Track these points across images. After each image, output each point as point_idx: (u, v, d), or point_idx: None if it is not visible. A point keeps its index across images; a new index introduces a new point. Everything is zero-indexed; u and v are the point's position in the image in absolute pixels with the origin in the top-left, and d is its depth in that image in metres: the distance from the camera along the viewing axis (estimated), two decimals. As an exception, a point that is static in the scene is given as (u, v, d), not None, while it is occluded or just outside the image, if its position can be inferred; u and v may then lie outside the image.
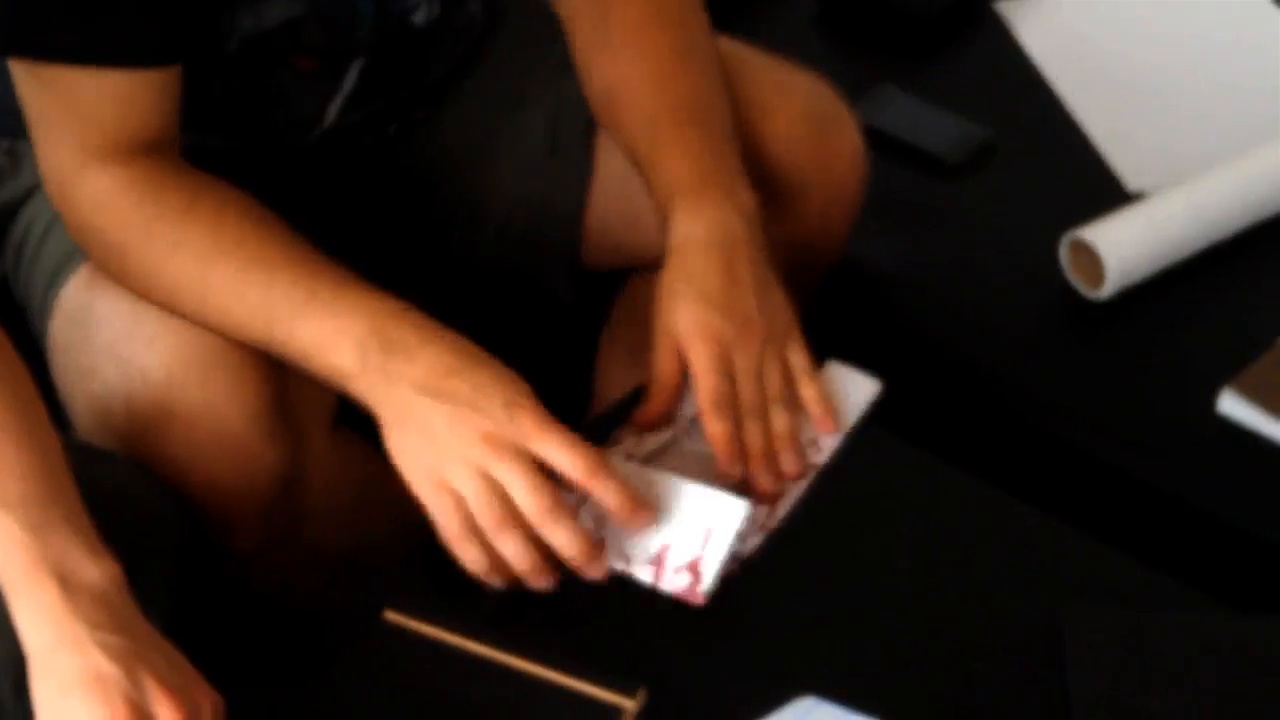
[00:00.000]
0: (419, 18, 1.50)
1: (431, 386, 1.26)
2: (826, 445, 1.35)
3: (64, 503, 1.14)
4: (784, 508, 1.32)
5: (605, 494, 1.24)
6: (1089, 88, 1.87)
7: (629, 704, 1.17)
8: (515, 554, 1.23)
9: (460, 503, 1.24)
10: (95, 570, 1.11)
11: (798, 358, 1.37)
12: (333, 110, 1.49)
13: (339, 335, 1.28)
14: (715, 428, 1.31)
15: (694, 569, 1.25)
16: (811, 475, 1.34)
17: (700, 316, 1.34)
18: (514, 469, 1.23)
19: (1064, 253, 1.65)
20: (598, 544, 1.25)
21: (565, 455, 1.24)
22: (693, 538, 1.27)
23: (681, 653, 1.23)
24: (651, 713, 1.17)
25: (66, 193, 1.34)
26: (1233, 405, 1.53)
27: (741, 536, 1.27)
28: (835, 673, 1.20)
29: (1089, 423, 1.56)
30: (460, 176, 1.58)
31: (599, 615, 1.25)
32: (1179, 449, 1.53)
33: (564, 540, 1.23)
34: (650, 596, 1.25)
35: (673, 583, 1.25)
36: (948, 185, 1.79)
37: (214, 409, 1.33)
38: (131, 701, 1.08)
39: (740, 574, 1.27)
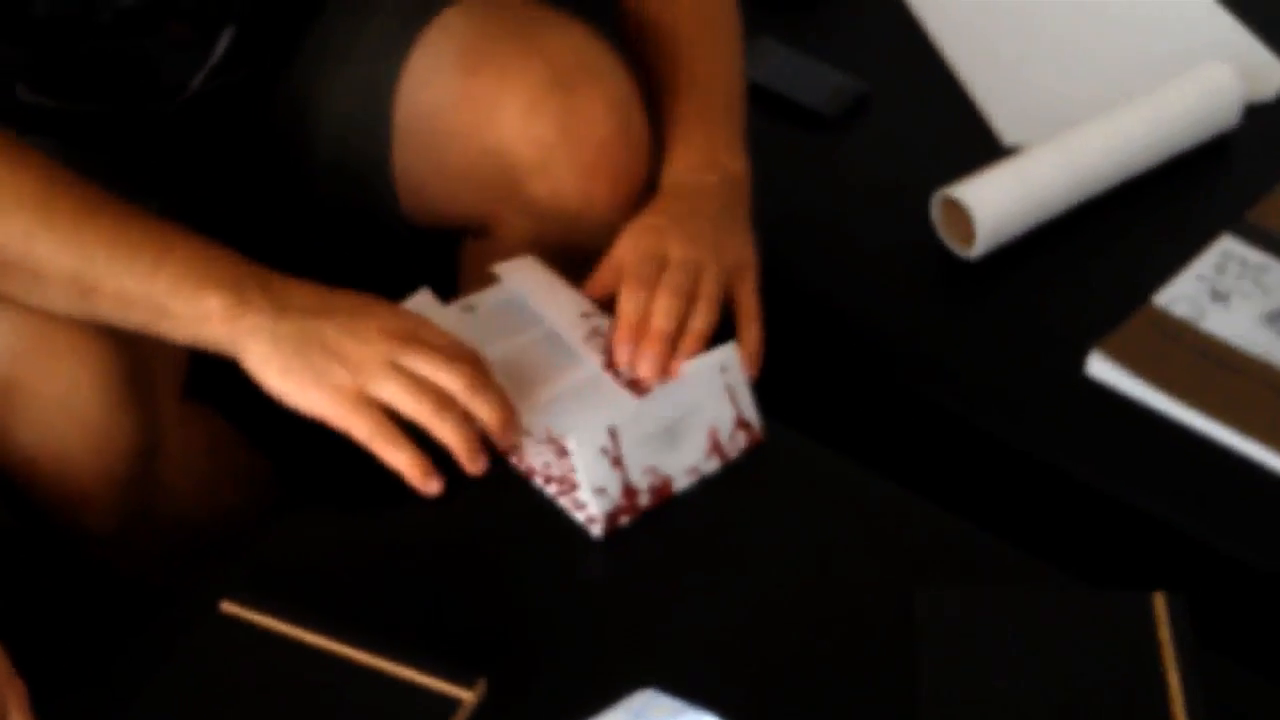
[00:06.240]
0: None
1: (319, 308, 1.27)
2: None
3: None
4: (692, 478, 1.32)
5: (482, 405, 1.27)
6: (969, 40, 1.84)
7: (467, 695, 1.15)
8: (455, 436, 1.26)
9: (383, 411, 1.25)
10: None
11: (745, 296, 1.39)
12: (198, 78, 1.46)
13: (209, 279, 1.26)
14: (625, 305, 1.34)
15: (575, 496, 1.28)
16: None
17: (645, 221, 1.39)
18: (425, 354, 1.26)
19: (935, 210, 1.62)
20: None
21: (454, 346, 1.28)
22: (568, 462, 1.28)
23: (522, 644, 1.20)
24: (491, 704, 1.16)
25: None
26: (1101, 367, 1.51)
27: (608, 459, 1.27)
28: (679, 663, 1.19)
29: (955, 384, 1.54)
30: (296, 128, 1.55)
31: (440, 605, 1.22)
32: (1046, 412, 1.51)
33: (489, 410, 1.27)
34: (490, 584, 1.24)
35: (572, 507, 1.28)
36: (823, 139, 1.77)
37: (62, 382, 1.30)
38: None
39: (628, 525, 1.27)
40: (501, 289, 1.40)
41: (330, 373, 1.25)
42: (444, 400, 1.26)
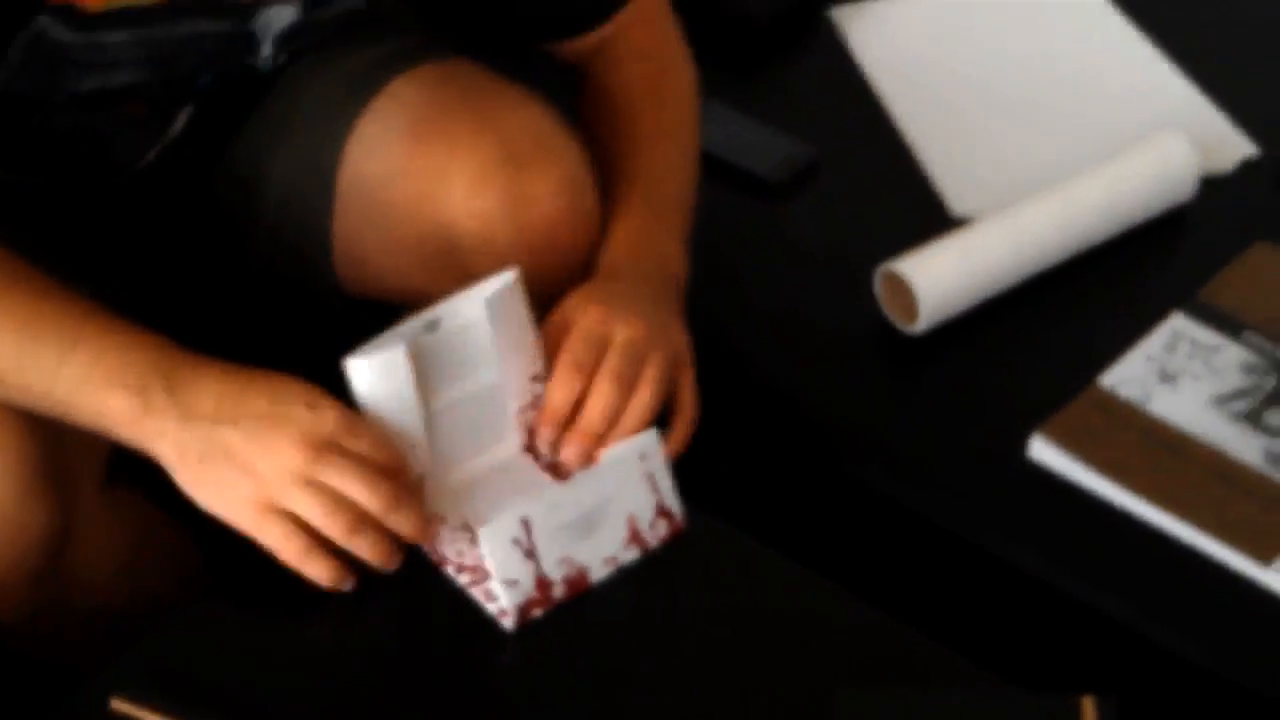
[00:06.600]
0: (265, 65, 1.45)
1: (228, 413, 1.21)
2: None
3: None
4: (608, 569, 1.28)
5: (401, 522, 1.22)
6: (921, 105, 1.81)
7: (363, 802, 1.11)
8: (371, 553, 1.21)
9: (296, 523, 1.20)
10: None
11: (684, 390, 1.34)
12: (152, 154, 1.42)
13: (113, 379, 1.21)
14: (555, 393, 1.29)
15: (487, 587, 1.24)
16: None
17: (591, 292, 1.34)
18: (343, 468, 1.20)
19: (878, 284, 1.58)
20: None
21: (376, 452, 1.22)
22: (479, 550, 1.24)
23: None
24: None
25: None
26: (1044, 450, 1.47)
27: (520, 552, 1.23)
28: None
29: (890, 464, 1.49)
30: (242, 196, 1.50)
31: (344, 701, 1.18)
32: (985, 496, 1.47)
33: (410, 527, 1.22)
34: (398, 681, 1.19)
35: (484, 598, 1.24)
36: (769, 206, 1.73)
37: None
38: None
39: (541, 617, 1.23)
40: (472, 305, 1.31)
41: (236, 485, 1.20)
42: (358, 518, 1.20)
